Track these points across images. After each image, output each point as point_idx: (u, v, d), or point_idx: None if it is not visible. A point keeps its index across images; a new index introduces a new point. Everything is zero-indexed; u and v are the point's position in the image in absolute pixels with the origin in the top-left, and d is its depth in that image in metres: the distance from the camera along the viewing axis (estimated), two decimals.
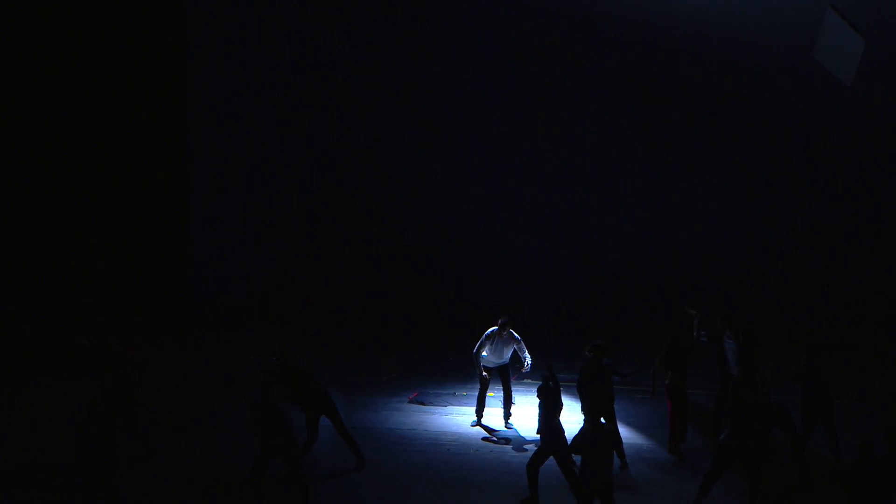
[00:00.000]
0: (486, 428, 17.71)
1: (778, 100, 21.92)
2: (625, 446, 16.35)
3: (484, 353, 17.51)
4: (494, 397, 18.11)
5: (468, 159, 23.47)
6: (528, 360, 17.49)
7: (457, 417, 18.23)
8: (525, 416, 17.76)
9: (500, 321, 17.50)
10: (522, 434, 17.40)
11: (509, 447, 17.01)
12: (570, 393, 15.82)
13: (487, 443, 17.25)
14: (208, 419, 18.11)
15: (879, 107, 20.91)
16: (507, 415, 17.82)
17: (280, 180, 24.06)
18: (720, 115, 22.46)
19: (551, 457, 14.76)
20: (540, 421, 14.90)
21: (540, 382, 15.06)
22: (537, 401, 14.95)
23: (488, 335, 17.48)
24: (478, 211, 23.49)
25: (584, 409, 15.19)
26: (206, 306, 23.96)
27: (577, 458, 14.02)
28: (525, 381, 18.10)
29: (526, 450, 16.61)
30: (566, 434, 14.60)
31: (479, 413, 17.84)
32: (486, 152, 23.39)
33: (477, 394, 17.85)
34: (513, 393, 17.87)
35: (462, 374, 19.58)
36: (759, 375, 16.34)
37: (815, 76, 17.80)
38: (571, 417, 15.99)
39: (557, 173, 23.22)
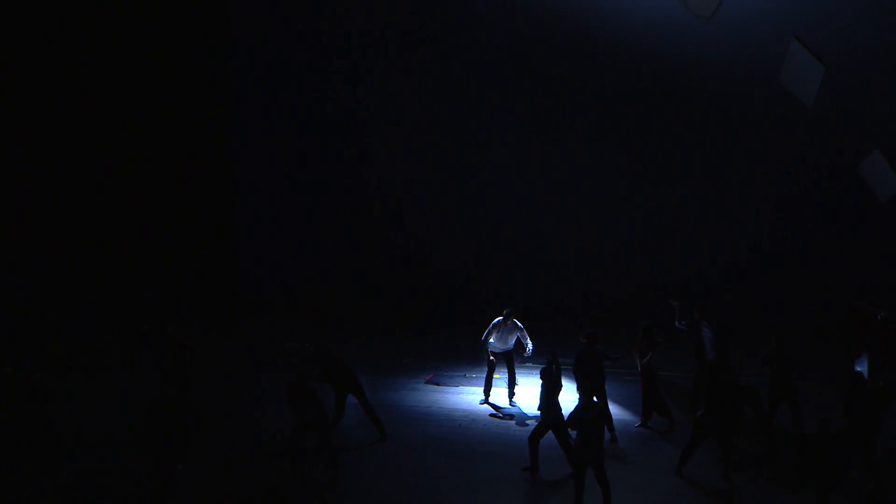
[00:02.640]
0: (492, 405, 17.79)
1: (750, 118, 21.97)
2: (614, 422, 16.43)
3: (491, 340, 17.59)
4: (500, 379, 18.18)
5: (478, 173, 23.51)
6: (530, 346, 17.58)
7: (467, 396, 18.29)
8: (527, 395, 17.86)
9: (504, 312, 17.59)
10: (525, 411, 17.49)
11: (513, 422, 17.10)
12: (566, 375, 15.90)
13: (494, 418, 17.33)
14: (251, 396, 18.18)
15: (836, 124, 21.02)
16: (511, 394, 17.90)
17: (316, 182, 24.06)
18: (699, 132, 22.47)
19: (550, 431, 14.86)
20: (541, 399, 14.99)
21: (542, 366, 15.16)
22: (539, 381, 15.05)
23: (495, 324, 17.56)
24: (487, 217, 23.52)
25: (578, 389, 15.31)
26: (249, 297, 23.96)
27: (572, 432, 14.12)
28: (527, 364, 18.15)
29: (527, 425, 16.71)
30: (563, 411, 14.70)
31: (487, 392, 17.92)
32: (494, 169, 23.43)
33: (485, 376, 17.94)
34: (516, 375, 17.96)
35: (472, 358, 19.60)
36: (731, 360, 16.41)
37: (781, 98, 17.83)
38: (568, 397, 16.05)
39: (556, 183, 23.24)
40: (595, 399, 14.57)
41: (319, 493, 14.44)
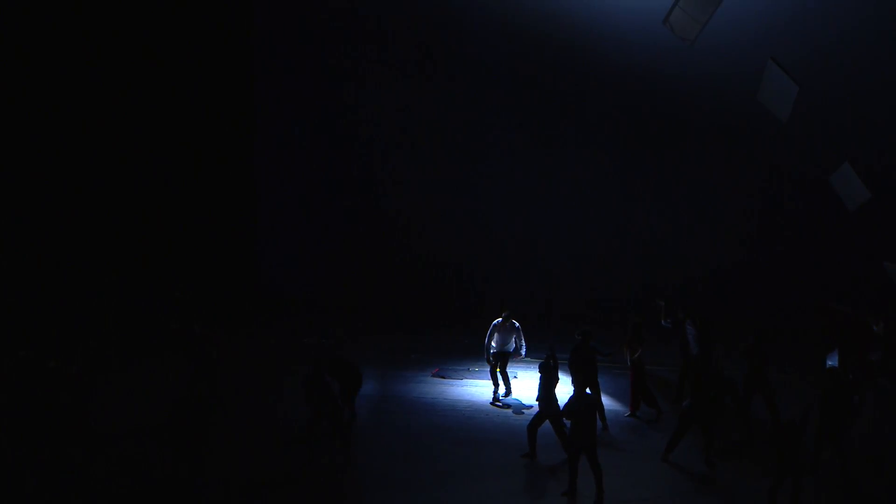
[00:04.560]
0: (494, 397, 17.79)
1: (730, 132, 22.05)
2: (606, 412, 16.49)
3: (493, 344, 17.60)
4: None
5: (483, 180, 23.53)
6: (524, 349, 17.60)
7: (470, 388, 18.31)
8: (525, 387, 17.91)
9: (503, 314, 17.63)
10: (523, 402, 17.53)
11: (512, 412, 17.14)
12: (562, 369, 15.93)
13: (495, 408, 17.38)
14: (271, 387, 18.19)
15: (809, 138, 21.11)
16: (507, 392, 17.82)
17: (333, 186, 24.07)
18: (685, 144, 22.53)
19: (547, 420, 14.91)
20: (539, 391, 15.04)
21: (540, 361, 15.19)
22: (537, 375, 15.09)
23: (494, 325, 17.55)
24: (492, 225, 23.51)
25: (573, 382, 15.37)
26: (269, 297, 23.94)
27: (567, 421, 14.16)
28: (526, 359, 18.12)
29: (525, 414, 16.78)
30: (559, 402, 14.74)
31: (497, 385, 17.75)
32: (497, 176, 23.45)
33: (489, 371, 17.91)
34: (509, 376, 17.86)
35: (474, 354, 19.57)
36: (714, 354, 16.44)
37: (760, 114, 17.93)
38: (563, 389, 16.01)
39: (553, 191, 23.28)
40: (588, 391, 14.63)
41: (333, 478, 14.49)
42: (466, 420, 16.76)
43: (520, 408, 17.24)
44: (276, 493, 13.91)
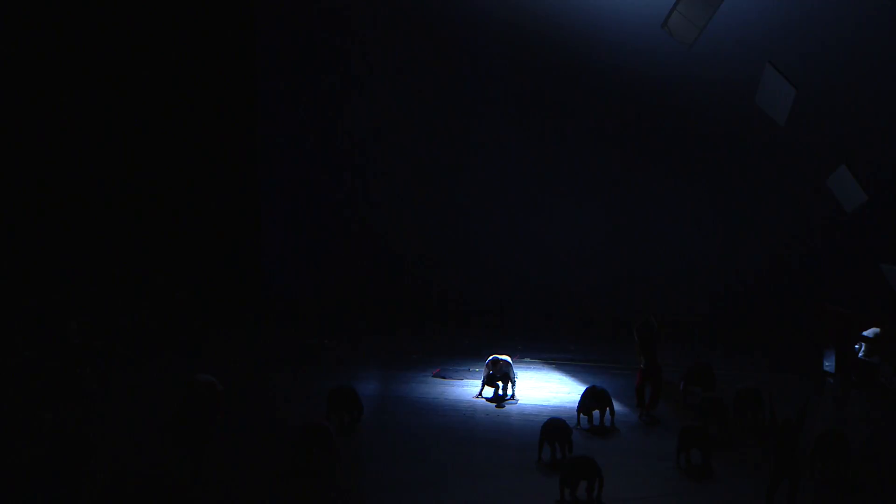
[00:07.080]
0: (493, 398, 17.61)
1: (728, 136, 21.90)
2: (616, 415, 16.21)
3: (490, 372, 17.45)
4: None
5: (489, 187, 23.33)
6: (511, 394, 17.38)
7: (471, 389, 18.05)
8: (526, 387, 17.71)
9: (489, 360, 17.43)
10: (521, 403, 17.28)
11: (512, 413, 16.89)
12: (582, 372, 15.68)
13: (496, 408, 17.11)
14: (270, 388, 18.01)
15: (806, 140, 20.87)
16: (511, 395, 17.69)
17: (337, 192, 23.87)
18: (681, 149, 22.36)
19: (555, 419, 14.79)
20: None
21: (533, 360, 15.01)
22: (535, 380, 14.95)
23: (485, 380, 17.34)
24: (497, 227, 23.34)
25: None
26: (273, 298, 23.71)
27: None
28: (525, 359, 17.87)
29: (525, 415, 16.54)
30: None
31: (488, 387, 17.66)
32: (504, 185, 23.23)
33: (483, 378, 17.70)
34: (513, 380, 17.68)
35: (475, 354, 19.41)
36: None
37: (757, 118, 17.79)
38: (563, 389, 15.78)
39: (556, 198, 23.08)
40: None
41: (333, 478, 14.24)
42: (467, 420, 16.58)
43: (519, 409, 16.97)
44: (275, 494, 13.70)
